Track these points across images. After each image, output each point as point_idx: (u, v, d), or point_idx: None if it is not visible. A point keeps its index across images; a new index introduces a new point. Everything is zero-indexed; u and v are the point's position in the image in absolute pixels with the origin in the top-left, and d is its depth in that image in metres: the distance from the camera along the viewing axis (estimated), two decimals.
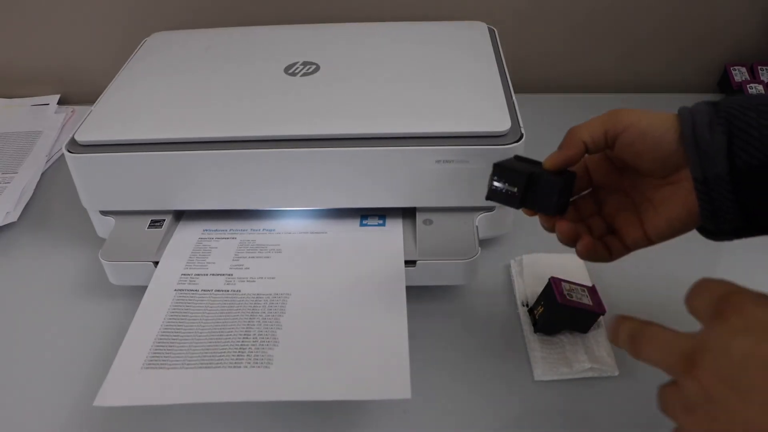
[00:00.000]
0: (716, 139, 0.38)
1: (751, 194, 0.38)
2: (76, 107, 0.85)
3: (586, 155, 0.43)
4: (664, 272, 0.55)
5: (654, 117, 0.41)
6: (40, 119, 0.82)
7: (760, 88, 0.79)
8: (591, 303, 0.49)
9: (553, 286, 0.49)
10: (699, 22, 0.81)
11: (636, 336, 0.33)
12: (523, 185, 0.42)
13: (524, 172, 0.42)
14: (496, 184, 0.43)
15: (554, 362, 0.49)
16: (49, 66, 0.87)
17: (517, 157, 0.46)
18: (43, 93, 0.88)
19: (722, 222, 0.39)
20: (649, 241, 0.43)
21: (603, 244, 0.44)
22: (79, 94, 0.88)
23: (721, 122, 0.38)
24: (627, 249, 0.44)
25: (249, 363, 0.44)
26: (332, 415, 0.46)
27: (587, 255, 0.43)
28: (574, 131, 0.43)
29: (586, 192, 0.47)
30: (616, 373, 0.48)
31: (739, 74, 0.81)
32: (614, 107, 0.42)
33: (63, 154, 0.54)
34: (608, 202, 0.46)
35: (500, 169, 0.43)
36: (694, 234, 0.42)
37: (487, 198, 0.44)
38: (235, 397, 0.42)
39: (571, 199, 0.46)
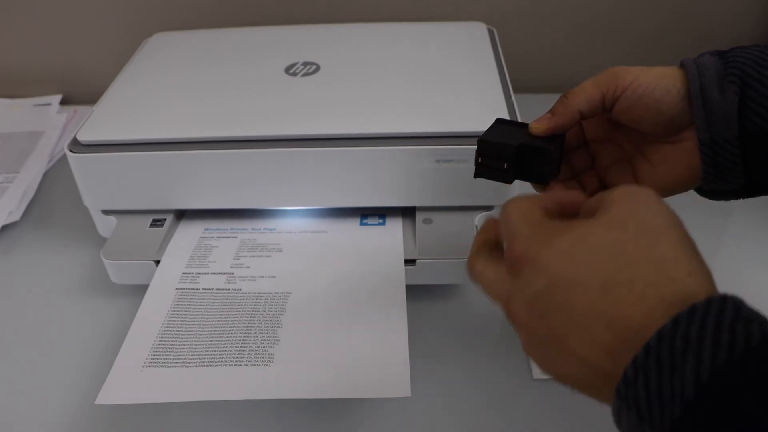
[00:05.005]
0: (727, 100, 0.35)
1: (759, 157, 0.36)
2: (78, 107, 0.85)
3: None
4: None
5: (655, 76, 0.38)
6: (43, 119, 0.83)
7: None
8: None
9: None
10: (699, 22, 0.82)
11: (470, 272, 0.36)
12: (512, 159, 0.39)
13: (512, 145, 0.39)
14: (482, 160, 0.40)
15: None
16: (51, 66, 0.87)
17: (500, 121, 0.43)
18: (46, 93, 0.88)
19: (724, 184, 0.37)
20: None
21: None
22: (81, 94, 0.88)
23: (734, 80, 0.35)
24: None
25: (250, 361, 0.45)
26: (332, 413, 0.47)
27: None
28: (568, 100, 0.39)
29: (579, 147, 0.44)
30: None
31: None
32: None
33: (65, 154, 0.54)
34: (601, 155, 0.43)
35: (486, 145, 0.40)
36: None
37: (476, 176, 0.41)
38: (235, 395, 0.43)
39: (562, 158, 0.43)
